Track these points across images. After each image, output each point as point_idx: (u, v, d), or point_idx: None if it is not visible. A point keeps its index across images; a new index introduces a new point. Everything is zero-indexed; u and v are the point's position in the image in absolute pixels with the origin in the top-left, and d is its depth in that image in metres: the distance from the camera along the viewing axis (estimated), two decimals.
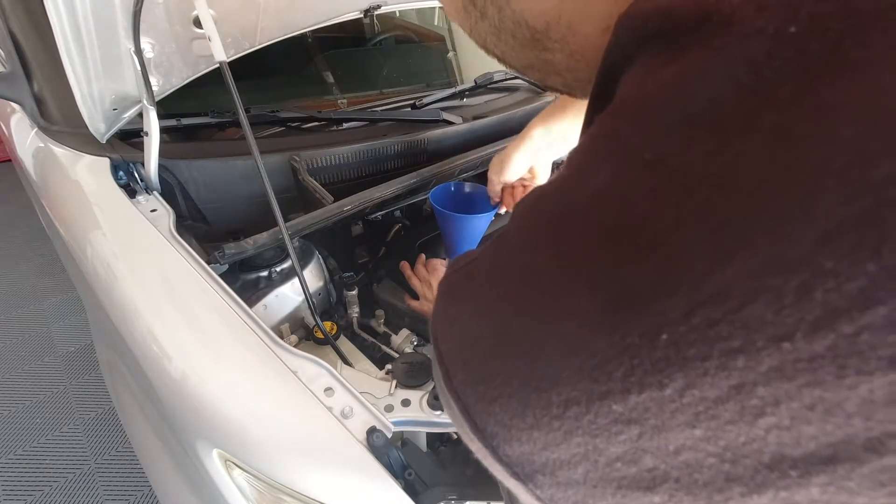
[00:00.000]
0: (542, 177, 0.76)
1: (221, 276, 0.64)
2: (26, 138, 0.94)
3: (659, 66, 0.15)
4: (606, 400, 0.14)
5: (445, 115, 1.09)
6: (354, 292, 0.83)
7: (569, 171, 0.18)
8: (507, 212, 0.83)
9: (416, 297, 0.81)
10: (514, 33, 0.23)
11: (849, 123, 0.11)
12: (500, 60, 0.26)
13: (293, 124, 1.02)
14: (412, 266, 0.84)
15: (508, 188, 0.77)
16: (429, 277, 0.80)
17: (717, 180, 0.13)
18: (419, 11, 1.62)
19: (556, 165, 1.16)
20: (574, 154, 0.18)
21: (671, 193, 0.14)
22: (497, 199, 0.79)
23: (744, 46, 0.13)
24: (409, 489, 0.48)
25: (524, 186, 0.77)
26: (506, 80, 1.33)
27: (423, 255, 0.86)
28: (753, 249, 0.12)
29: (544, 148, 0.72)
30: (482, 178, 0.83)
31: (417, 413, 0.56)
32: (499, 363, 0.17)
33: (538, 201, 0.18)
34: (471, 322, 0.20)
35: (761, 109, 0.12)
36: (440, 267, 0.81)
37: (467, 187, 0.85)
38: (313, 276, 0.81)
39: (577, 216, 0.16)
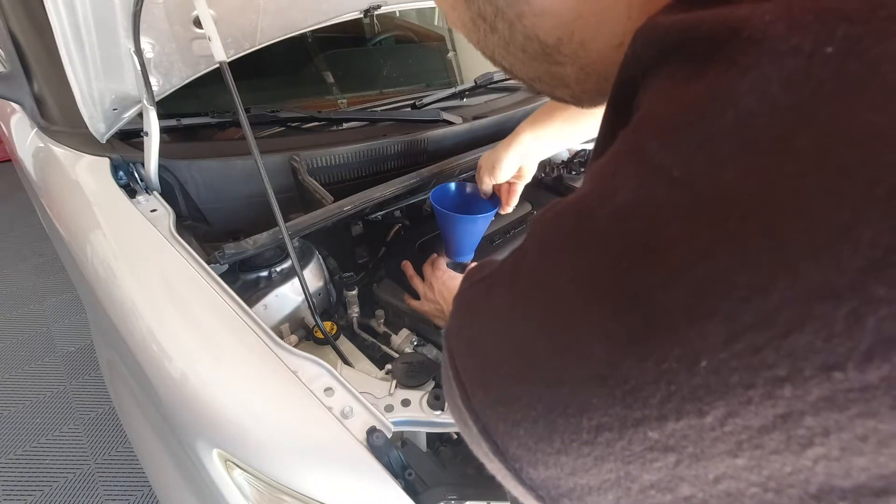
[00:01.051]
0: (529, 175, 0.78)
1: (221, 276, 0.64)
2: (26, 138, 0.94)
3: (684, 81, 0.15)
4: (642, 426, 0.14)
5: (445, 116, 1.09)
6: (354, 292, 0.83)
7: (591, 186, 0.17)
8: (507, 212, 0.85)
9: (416, 296, 0.81)
10: (525, 47, 0.23)
11: (891, 149, 0.11)
12: (507, 72, 0.26)
13: (293, 124, 1.02)
14: (414, 266, 0.84)
15: (500, 186, 0.80)
16: (430, 276, 0.80)
17: (754, 203, 0.12)
18: (419, 11, 1.62)
19: (555, 165, 1.16)
20: (596, 169, 0.17)
21: (702, 215, 0.13)
22: (488, 196, 0.81)
23: (779, 64, 0.13)
24: (409, 489, 0.48)
25: (510, 184, 0.79)
26: (506, 80, 1.33)
27: (434, 256, 0.85)
28: (797, 276, 0.11)
29: (533, 151, 0.74)
30: None
31: (417, 413, 0.56)
32: (522, 385, 0.17)
33: (558, 217, 0.18)
34: (490, 341, 0.19)
35: (799, 130, 0.12)
36: (442, 267, 0.81)
37: (467, 187, 0.85)
38: (313, 276, 0.81)
39: (598, 234, 0.16)
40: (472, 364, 0.20)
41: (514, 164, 0.74)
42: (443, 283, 0.77)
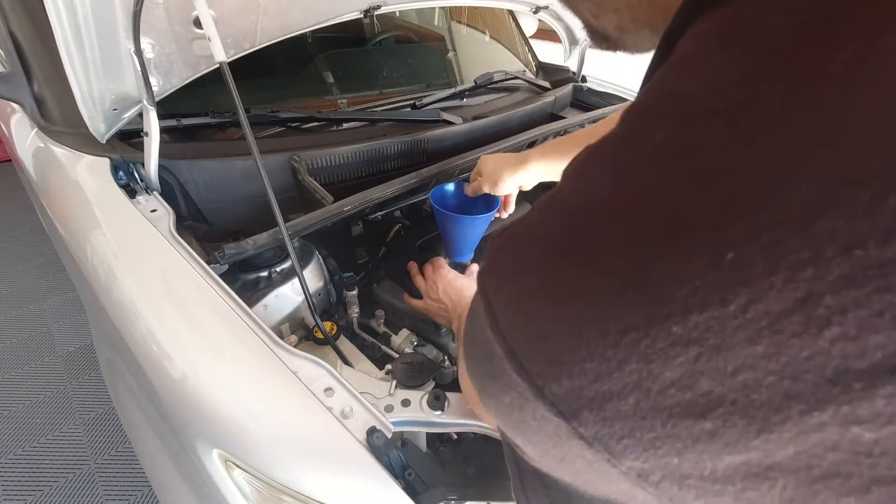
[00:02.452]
0: (528, 188, 0.82)
1: (221, 276, 0.64)
2: (26, 138, 0.94)
3: (720, 21, 0.16)
4: (666, 322, 0.14)
5: (445, 116, 1.09)
6: (354, 292, 0.83)
7: (625, 128, 0.18)
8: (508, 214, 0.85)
9: (415, 296, 0.81)
10: None
11: None
12: None
13: (293, 124, 1.02)
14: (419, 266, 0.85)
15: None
16: (433, 276, 0.80)
17: (782, 122, 0.13)
18: (419, 11, 1.62)
19: None
20: (630, 112, 0.18)
21: (736, 140, 0.14)
22: (476, 194, 0.84)
23: None
24: (409, 489, 0.48)
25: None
26: (506, 80, 1.33)
27: (437, 258, 0.86)
28: (822, 174, 0.12)
29: (537, 178, 0.78)
30: None
31: (417, 413, 0.56)
32: (551, 304, 0.18)
33: (591, 159, 0.19)
34: (521, 272, 0.20)
35: (830, 57, 0.13)
36: (445, 266, 0.81)
37: (467, 188, 0.85)
38: (313, 276, 0.81)
39: (635, 172, 0.16)
40: (502, 293, 0.20)
41: (515, 186, 0.79)
42: (448, 281, 0.77)
